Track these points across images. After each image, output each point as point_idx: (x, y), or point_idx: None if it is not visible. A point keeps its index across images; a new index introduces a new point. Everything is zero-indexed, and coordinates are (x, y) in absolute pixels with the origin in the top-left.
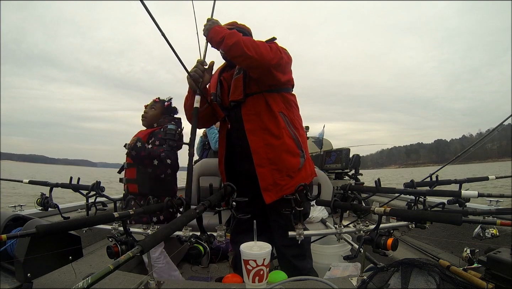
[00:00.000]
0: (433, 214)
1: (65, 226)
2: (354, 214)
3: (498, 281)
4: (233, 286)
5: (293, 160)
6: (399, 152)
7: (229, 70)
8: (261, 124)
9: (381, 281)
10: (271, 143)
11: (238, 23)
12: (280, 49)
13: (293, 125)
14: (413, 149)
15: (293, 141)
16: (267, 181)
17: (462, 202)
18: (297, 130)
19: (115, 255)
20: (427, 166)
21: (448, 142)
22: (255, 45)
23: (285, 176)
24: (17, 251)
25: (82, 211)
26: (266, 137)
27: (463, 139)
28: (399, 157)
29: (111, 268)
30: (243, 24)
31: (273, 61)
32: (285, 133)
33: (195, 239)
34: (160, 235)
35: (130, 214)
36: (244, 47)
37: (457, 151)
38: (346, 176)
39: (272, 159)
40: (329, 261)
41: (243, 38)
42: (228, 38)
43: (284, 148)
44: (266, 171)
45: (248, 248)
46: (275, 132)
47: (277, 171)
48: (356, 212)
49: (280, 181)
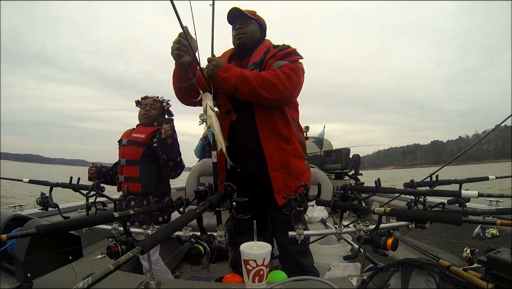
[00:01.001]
0: (433, 214)
1: (65, 226)
2: (354, 214)
3: (498, 281)
4: (233, 286)
5: (300, 163)
6: (396, 152)
7: (239, 60)
8: (274, 129)
9: (381, 281)
10: (284, 148)
11: (257, 14)
12: (297, 75)
13: (300, 130)
14: (410, 149)
15: (301, 146)
16: (280, 184)
17: (462, 202)
18: (302, 134)
19: (115, 255)
20: (424, 166)
21: (444, 143)
22: (271, 83)
23: (294, 178)
24: (17, 251)
25: (82, 211)
26: (279, 142)
27: (460, 140)
28: (395, 157)
29: (111, 268)
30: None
31: (292, 96)
32: (295, 139)
33: (195, 239)
34: (160, 235)
35: (130, 214)
36: (262, 91)
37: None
38: (346, 176)
39: (284, 163)
40: (329, 261)
41: (256, 79)
42: (241, 85)
43: (295, 152)
44: (278, 174)
45: (248, 248)
46: (288, 137)
47: (288, 174)
48: (356, 212)
49: (291, 183)
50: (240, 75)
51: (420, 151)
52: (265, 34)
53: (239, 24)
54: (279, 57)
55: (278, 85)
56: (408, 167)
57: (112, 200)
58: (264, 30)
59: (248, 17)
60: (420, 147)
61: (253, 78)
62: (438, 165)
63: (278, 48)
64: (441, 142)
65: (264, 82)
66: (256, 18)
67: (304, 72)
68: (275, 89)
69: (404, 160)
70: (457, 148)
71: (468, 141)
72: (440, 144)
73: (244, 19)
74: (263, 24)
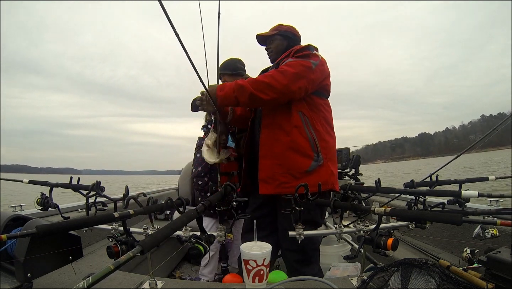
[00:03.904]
0: (433, 214)
1: (65, 226)
2: (354, 214)
3: (498, 281)
4: (233, 286)
5: (300, 159)
6: (384, 146)
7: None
8: (274, 119)
9: (381, 281)
10: (279, 139)
11: (283, 26)
12: (294, 67)
13: (314, 127)
14: (398, 143)
15: (307, 142)
16: (266, 172)
17: (462, 202)
18: (317, 133)
19: (115, 255)
20: (413, 159)
21: (432, 135)
22: (264, 84)
23: (287, 173)
24: (17, 251)
25: (82, 211)
26: (276, 132)
27: (447, 132)
28: (384, 151)
29: (111, 268)
30: (288, 26)
31: (290, 89)
32: (298, 132)
33: (195, 239)
34: (160, 235)
35: (130, 214)
36: (258, 94)
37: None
38: (346, 176)
39: (276, 153)
40: (329, 261)
41: (251, 84)
42: (240, 95)
43: (292, 145)
44: (267, 163)
45: (248, 248)
46: (286, 128)
47: (279, 166)
48: (356, 212)
49: (281, 177)
50: (235, 86)
51: (408, 143)
52: (296, 40)
53: (267, 45)
54: (291, 56)
55: (271, 83)
56: (397, 160)
57: (112, 200)
58: (291, 37)
59: (270, 35)
60: (408, 139)
61: (248, 85)
62: (427, 157)
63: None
64: (429, 135)
65: (259, 85)
66: (277, 32)
67: (309, 64)
68: (270, 88)
69: (393, 153)
70: (444, 139)
71: (455, 132)
72: (427, 136)
73: (267, 38)
74: (288, 32)
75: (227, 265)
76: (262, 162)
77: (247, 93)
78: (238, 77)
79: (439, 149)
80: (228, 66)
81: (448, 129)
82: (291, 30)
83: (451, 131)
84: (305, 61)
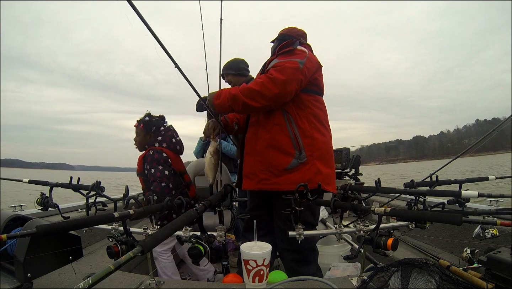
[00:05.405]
0: (433, 214)
1: (65, 226)
2: (354, 214)
3: (498, 281)
4: (233, 286)
5: (280, 157)
6: (379, 148)
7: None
8: (259, 117)
9: (381, 281)
10: (260, 136)
11: (283, 32)
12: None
13: (297, 124)
14: (393, 145)
15: (289, 140)
16: (249, 169)
17: (462, 202)
18: (300, 130)
19: (115, 255)
20: (407, 161)
21: (426, 138)
22: (256, 92)
23: (267, 170)
24: (17, 251)
25: (82, 211)
26: (258, 130)
27: (442, 135)
28: (378, 153)
29: (111, 268)
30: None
31: (282, 96)
32: (279, 130)
33: (195, 239)
34: (160, 235)
35: (130, 214)
36: (250, 102)
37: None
38: (346, 176)
39: (257, 150)
40: (329, 261)
41: (243, 92)
42: (233, 104)
43: (272, 143)
44: (250, 159)
45: (248, 248)
46: (266, 126)
47: (260, 163)
48: (356, 212)
49: (261, 173)
50: (228, 95)
51: (402, 146)
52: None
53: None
54: (276, 54)
55: (263, 92)
56: (392, 162)
57: (112, 200)
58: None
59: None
60: (403, 142)
61: (240, 93)
62: (421, 160)
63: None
64: (423, 138)
65: (250, 93)
66: (278, 36)
67: (296, 65)
68: (261, 96)
69: (387, 155)
70: (439, 143)
71: (449, 136)
72: (422, 139)
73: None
74: (286, 36)
75: (228, 264)
76: (246, 158)
77: (240, 102)
78: (242, 77)
79: (434, 152)
80: (231, 66)
81: (443, 133)
82: (290, 32)
83: (445, 135)
84: (291, 62)
